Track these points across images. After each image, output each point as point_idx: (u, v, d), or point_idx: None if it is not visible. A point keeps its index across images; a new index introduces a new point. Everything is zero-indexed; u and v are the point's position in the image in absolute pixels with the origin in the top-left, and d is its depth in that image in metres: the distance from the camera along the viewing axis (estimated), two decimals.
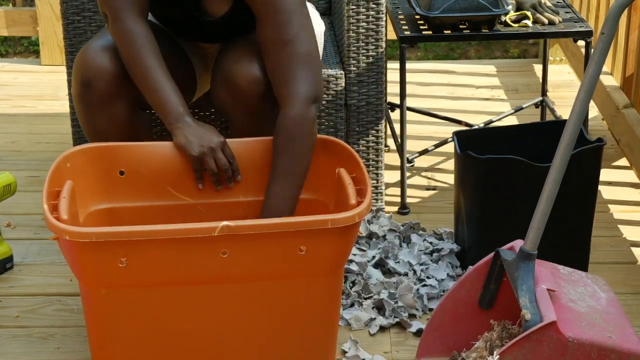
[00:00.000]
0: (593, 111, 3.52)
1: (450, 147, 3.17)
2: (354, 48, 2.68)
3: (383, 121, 2.76)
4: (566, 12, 2.95)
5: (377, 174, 2.80)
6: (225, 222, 1.91)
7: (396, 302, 2.40)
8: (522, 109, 3.32)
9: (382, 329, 2.37)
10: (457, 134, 2.55)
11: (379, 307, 2.41)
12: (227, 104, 2.30)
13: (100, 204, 2.22)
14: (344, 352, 2.27)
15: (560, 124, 2.57)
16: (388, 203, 2.94)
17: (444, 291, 2.46)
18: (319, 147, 2.24)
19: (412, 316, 2.41)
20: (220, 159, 2.20)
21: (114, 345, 2.02)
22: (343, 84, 2.69)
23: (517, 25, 2.85)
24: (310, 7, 2.50)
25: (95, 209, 2.21)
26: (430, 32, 2.81)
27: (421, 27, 2.84)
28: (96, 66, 2.22)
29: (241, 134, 2.31)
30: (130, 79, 2.24)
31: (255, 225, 1.93)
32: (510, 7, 2.80)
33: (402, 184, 2.90)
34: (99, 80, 2.22)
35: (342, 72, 2.68)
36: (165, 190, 2.24)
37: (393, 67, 3.20)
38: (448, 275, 2.51)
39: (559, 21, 2.87)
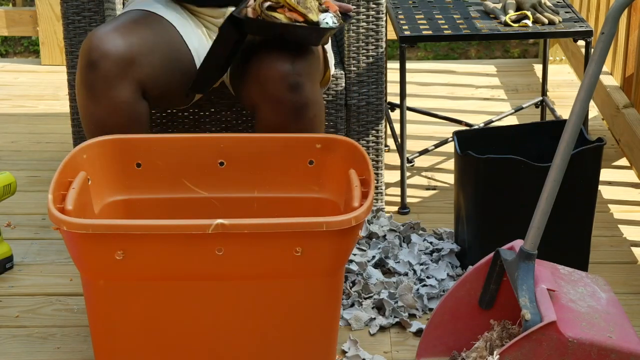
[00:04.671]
0: (593, 111, 3.52)
1: (450, 147, 3.17)
2: (354, 48, 2.68)
3: (383, 121, 2.76)
4: (566, 12, 2.95)
5: (377, 174, 2.79)
6: (219, 220, 1.91)
7: (396, 302, 2.40)
8: (522, 109, 3.32)
9: (382, 329, 2.37)
10: (457, 133, 2.55)
11: (379, 307, 2.41)
12: (256, 99, 2.28)
13: (117, 195, 2.24)
14: (344, 352, 2.27)
15: (560, 124, 2.57)
16: (388, 203, 2.94)
17: (444, 291, 2.46)
18: (330, 147, 2.23)
19: (412, 316, 2.41)
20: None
21: (113, 335, 2.03)
22: (343, 84, 2.69)
23: (517, 25, 2.85)
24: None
25: (112, 200, 2.23)
26: (430, 32, 2.81)
27: (421, 27, 2.84)
28: (103, 47, 2.21)
29: (266, 130, 2.29)
30: (136, 63, 2.24)
31: (249, 224, 1.93)
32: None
33: (402, 184, 2.90)
34: (104, 61, 2.21)
35: (342, 72, 2.68)
36: (181, 183, 2.25)
37: (393, 67, 3.20)
38: (448, 275, 2.51)
39: (559, 21, 2.87)
